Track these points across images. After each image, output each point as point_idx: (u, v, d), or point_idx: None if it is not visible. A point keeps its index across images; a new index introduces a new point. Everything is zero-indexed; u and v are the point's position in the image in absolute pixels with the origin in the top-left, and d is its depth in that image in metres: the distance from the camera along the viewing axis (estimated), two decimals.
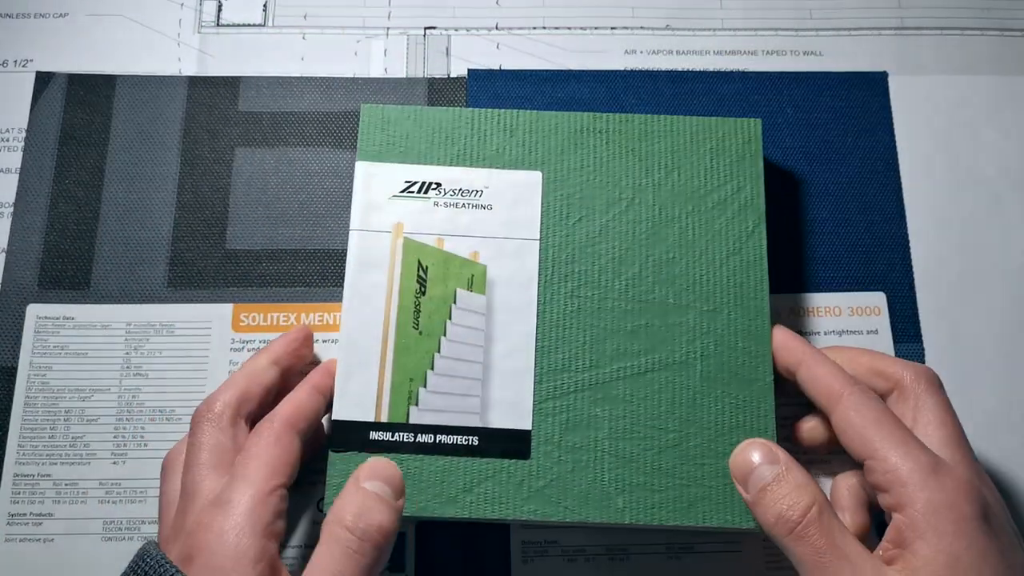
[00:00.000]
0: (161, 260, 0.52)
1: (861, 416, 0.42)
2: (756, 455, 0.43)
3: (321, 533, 0.40)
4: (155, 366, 0.50)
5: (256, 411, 0.44)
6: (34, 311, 0.50)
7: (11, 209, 0.52)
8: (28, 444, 0.48)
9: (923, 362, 0.51)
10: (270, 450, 0.41)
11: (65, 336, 0.50)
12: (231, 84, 0.55)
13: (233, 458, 0.42)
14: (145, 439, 0.49)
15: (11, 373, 0.49)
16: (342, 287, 0.50)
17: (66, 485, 0.48)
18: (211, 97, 0.55)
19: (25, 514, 0.47)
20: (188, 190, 0.53)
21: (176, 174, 0.53)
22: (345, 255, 0.51)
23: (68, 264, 0.51)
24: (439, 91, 0.55)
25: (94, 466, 0.48)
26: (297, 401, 0.44)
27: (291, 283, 0.51)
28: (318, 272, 0.51)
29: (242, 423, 0.43)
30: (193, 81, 0.55)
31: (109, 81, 0.55)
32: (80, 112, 0.54)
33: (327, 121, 0.54)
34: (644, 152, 0.49)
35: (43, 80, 0.55)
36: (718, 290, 0.47)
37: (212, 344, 0.50)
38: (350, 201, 0.52)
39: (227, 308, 0.51)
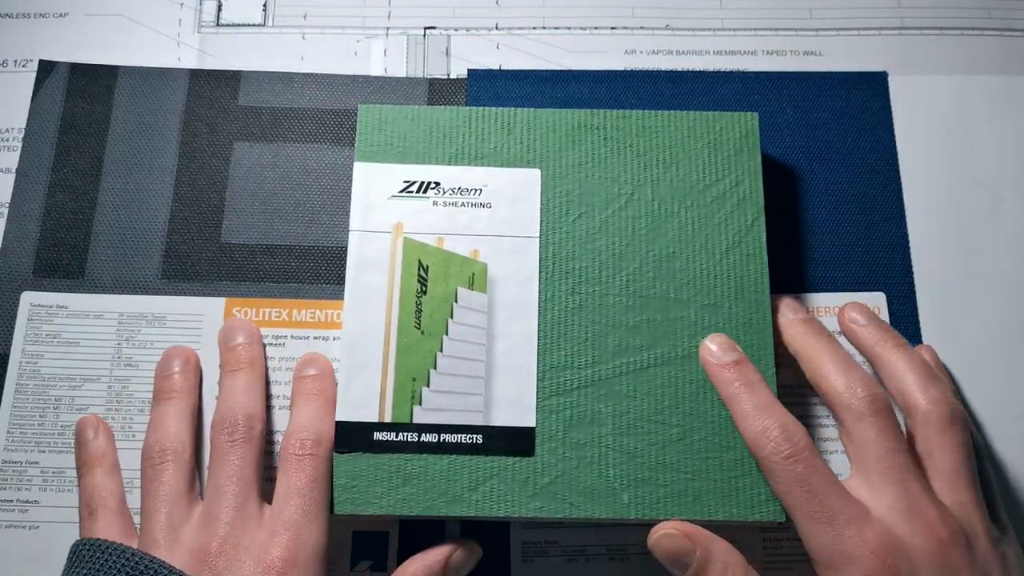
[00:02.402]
0: (156, 252, 0.52)
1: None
2: None
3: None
4: (146, 358, 0.49)
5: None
6: (28, 299, 0.50)
7: (8, 209, 0.52)
8: (17, 431, 0.48)
9: None
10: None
11: (58, 324, 0.50)
12: (232, 78, 0.55)
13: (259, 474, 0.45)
14: (133, 430, 0.48)
15: (3, 360, 0.49)
16: (335, 284, 0.51)
17: (53, 473, 0.48)
18: (211, 90, 0.55)
19: (12, 501, 0.47)
20: (185, 182, 0.53)
21: (174, 166, 0.53)
22: (340, 252, 0.51)
23: (63, 253, 0.51)
24: (439, 91, 0.55)
25: None
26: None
27: (284, 279, 0.51)
28: (312, 269, 0.51)
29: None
30: (194, 74, 0.55)
31: (111, 71, 0.55)
32: (81, 102, 0.54)
33: (326, 118, 0.54)
34: (642, 148, 0.49)
35: (45, 69, 0.55)
36: (718, 284, 0.47)
37: (203, 337, 0.50)
38: (347, 198, 0.52)
39: (219, 302, 0.50)
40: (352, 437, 0.45)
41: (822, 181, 0.54)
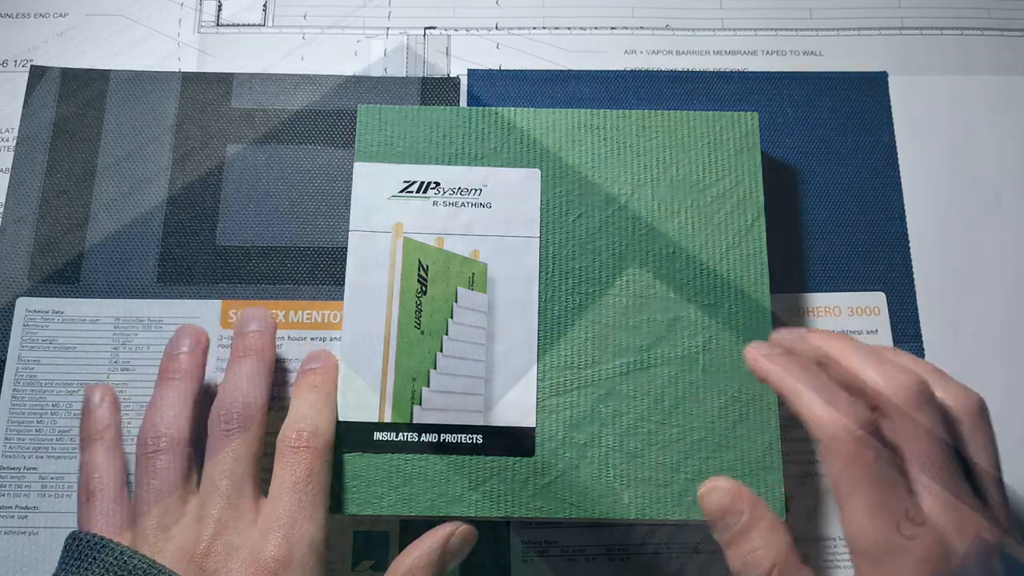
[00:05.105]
0: (151, 256, 0.51)
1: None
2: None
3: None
4: (142, 362, 0.49)
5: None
6: (23, 304, 0.50)
7: (2, 215, 0.52)
8: (15, 437, 0.48)
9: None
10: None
11: (54, 330, 0.50)
12: (224, 81, 0.55)
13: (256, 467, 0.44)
14: (132, 434, 0.48)
15: None
16: (331, 285, 0.51)
17: (52, 479, 0.48)
18: (204, 93, 0.54)
19: (11, 507, 0.47)
20: (179, 186, 0.53)
21: (168, 170, 0.53)
22: (336, 253, 0.51)
23: (58, 258, 0.51)
24: (431, 90, 0.55)
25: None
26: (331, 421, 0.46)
27: (280, 280, 0.51)
28: (308, 270, 0.51)
29: None
30: (186, 77, 0.55)
31: (103, 76, 0.55)
32: (73, 107, 0.54)
33: (319, 119, 0.54)
34: (642, 147, 0.49)
35: (37, 74, 0.55)
36: (719, 284, 0.47)
37: None
38: (341, 199, 0.52)
39: (215, 305, 0.50)
40: (352, 437, 0.45)
41: (822, 181, 0.54)
